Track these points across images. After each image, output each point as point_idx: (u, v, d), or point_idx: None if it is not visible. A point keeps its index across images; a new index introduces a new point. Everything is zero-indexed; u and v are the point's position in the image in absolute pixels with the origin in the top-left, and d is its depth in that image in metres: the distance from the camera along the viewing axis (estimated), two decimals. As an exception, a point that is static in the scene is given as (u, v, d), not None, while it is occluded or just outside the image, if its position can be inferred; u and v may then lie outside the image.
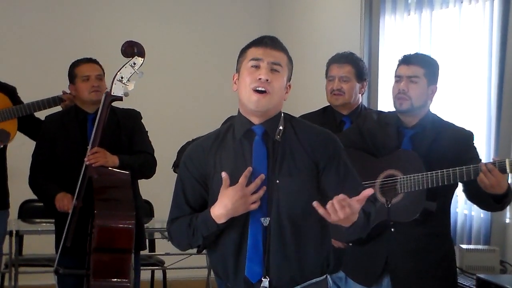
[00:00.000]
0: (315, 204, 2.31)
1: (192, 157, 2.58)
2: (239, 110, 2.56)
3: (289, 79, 2.54)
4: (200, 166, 2.55)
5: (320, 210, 2.31)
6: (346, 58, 3.80)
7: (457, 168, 3.07)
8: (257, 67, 2.46)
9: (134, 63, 3.86)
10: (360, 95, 3.84)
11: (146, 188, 4.30)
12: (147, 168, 4.07)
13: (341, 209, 2.28)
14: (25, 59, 6.19)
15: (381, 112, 3.62)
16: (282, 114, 2.55)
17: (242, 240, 2.48)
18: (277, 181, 2.46)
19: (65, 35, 6.31)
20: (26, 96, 4.37)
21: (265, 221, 2.46)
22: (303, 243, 2.48)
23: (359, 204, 2.31)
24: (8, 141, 4.17)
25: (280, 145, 2.50)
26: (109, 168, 3.83)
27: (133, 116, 4.12)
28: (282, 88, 2.50)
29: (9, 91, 4.30)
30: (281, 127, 2.51)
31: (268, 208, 2.46)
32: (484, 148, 4.04)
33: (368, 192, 2.31)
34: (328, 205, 2.29)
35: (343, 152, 2.57)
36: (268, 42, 2.49)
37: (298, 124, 2.57)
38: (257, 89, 2.44)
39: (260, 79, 2.44)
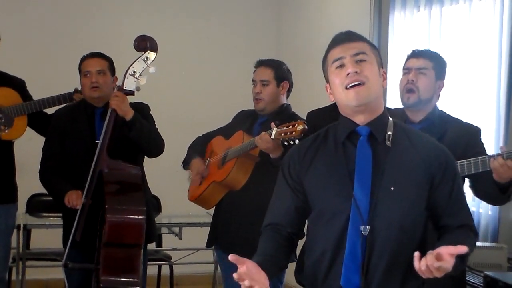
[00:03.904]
0: (415, 254, 2.17)
1: (289, 162, 2.45)
2: (341, 114, 2.42)
3: (381, 65, 2.37)
4: (294, 171, 2.42)
5: (416, 265, 2.16)
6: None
7: (464, 160, 3.07)
8: (341, 66, 2.32)
9: (147, 58, 3.86)
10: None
11: (154, 183, 4.29)
12: (157, 139, 4.00)
13: (436, 271, 2.15)
14: (36, 54, 6.15)
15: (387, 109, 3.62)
16: (391, 120, 2.39)
17: (339, 247, 2.31)
18: (392, 188, 2.29)
19: (76, 29, 6.28)
20: (36, 91, 4.38)
21: (365, 230, 2.27)
22: (407, 256, 2.27)
23: (451, 258, 2.14)
24: (12, 125, 4.17)
25: (391, 150, 2.33)
26: (120, 161, 3.82)
27: (141, 109, 4.08)
28: (377, 75, 2.33)
29: (19, 85, 4.31)
30: (390, 132, 2.35)
31: (369, 216, 2.28)
32: (493, 145, 4.03)
33: (463, 249, 2.15)
34: (422, 266, 2.15)
35: (458, 172, 2.41)
36: (343, 37, 2.36)
37: (411, 132, 2.42)
38: (350, 85, 2.29)
39: (348, 74, 2.29)
